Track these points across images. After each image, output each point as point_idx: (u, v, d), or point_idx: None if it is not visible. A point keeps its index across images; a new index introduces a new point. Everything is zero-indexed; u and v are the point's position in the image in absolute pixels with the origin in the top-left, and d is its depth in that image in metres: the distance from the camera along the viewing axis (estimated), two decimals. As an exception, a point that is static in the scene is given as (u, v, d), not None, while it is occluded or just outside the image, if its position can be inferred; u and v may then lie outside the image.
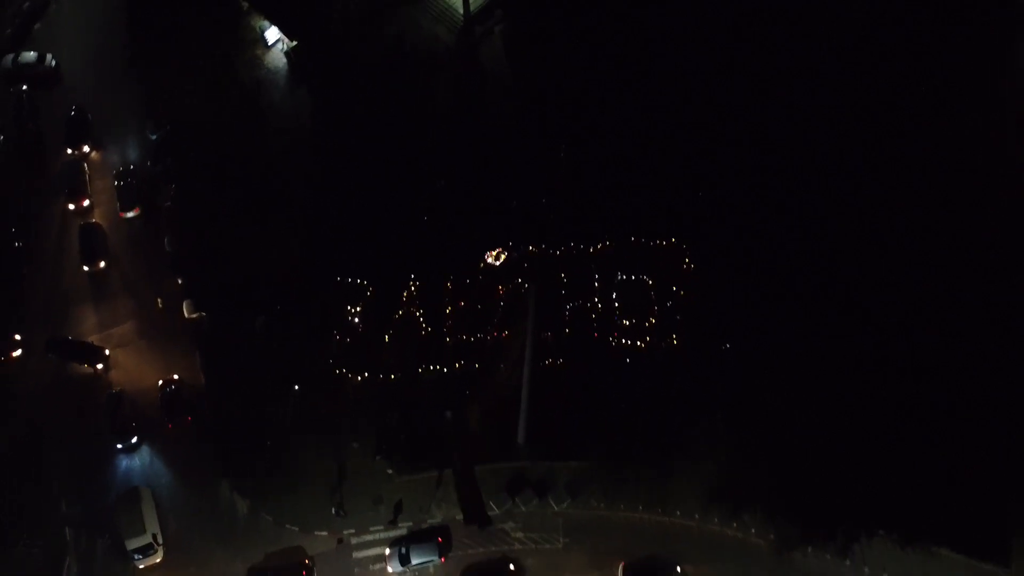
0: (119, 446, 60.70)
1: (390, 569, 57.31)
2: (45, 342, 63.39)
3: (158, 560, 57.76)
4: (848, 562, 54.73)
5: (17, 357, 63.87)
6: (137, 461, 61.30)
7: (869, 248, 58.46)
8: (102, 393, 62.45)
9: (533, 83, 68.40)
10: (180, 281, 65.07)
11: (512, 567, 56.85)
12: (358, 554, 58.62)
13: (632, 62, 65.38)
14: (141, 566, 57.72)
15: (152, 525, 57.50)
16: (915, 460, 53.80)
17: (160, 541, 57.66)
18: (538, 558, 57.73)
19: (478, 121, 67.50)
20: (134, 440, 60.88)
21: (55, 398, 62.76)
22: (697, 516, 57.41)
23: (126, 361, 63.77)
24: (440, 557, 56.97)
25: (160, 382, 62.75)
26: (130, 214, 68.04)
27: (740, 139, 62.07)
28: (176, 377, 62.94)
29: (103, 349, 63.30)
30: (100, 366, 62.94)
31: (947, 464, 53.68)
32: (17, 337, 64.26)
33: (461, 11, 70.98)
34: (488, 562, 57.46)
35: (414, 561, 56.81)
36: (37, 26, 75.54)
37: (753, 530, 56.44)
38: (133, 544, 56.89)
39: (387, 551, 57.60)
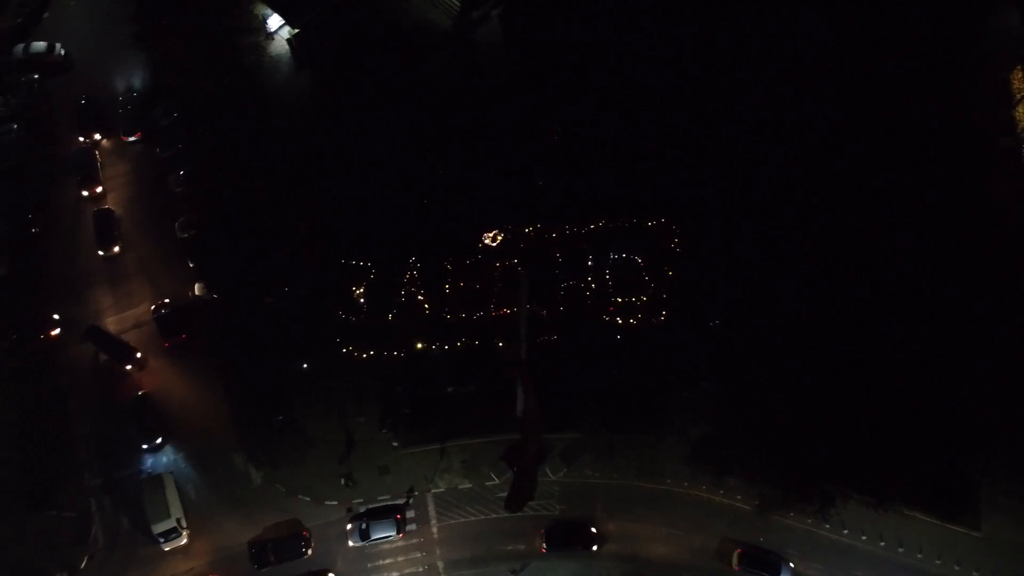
0: (144, 446, 63.78)
1: (350, 543, 60.71)
2: (86, 329, 66.18)
3: (183, 543, 61.06)
4: (828, 525, 58.05)
5: (56, 336, 66.94)
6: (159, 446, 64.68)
7: (848, 227, 60.73)
8: (129, 381, 65.64)
9: (529, 67, 70.23)
10: (192, 264, 67.60)
11: (594, 530, 59.80)
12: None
13: (626, 48, 67.09)
14: (167, 548, 60.85)
15: (176, 510, 60.86)
16: (891, 429, 56.73)
17: (184, 525, 60.98)
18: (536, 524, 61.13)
19: (475, 106, 69.41)
20: (159, 440, 63.91)
21: (86, 376, 66.19)
22: (686, 483, 60.67)
23: (143, 342, 66.55)
24: (398, 533, 60.39)
25: (152, 306, 66.54)
26: (132, 138, 72.68)
27: (728, 123, 64.03)
28: (167, 300, 66.59)
29: (136, 350, 65.71)
30: (129, 367, 65.41)
31: (923, 433, 56.69)
32: (56, 316, 67.33)
33: (457, -2, 72.86)
34: (569, 522, 60.28)
35: (373, 536, 60.26)
36: (46, 15, 77.59)
37: (739, 496, 59.66)
38: (159, 528, 60.15)
39: (348, 526, 60.89)
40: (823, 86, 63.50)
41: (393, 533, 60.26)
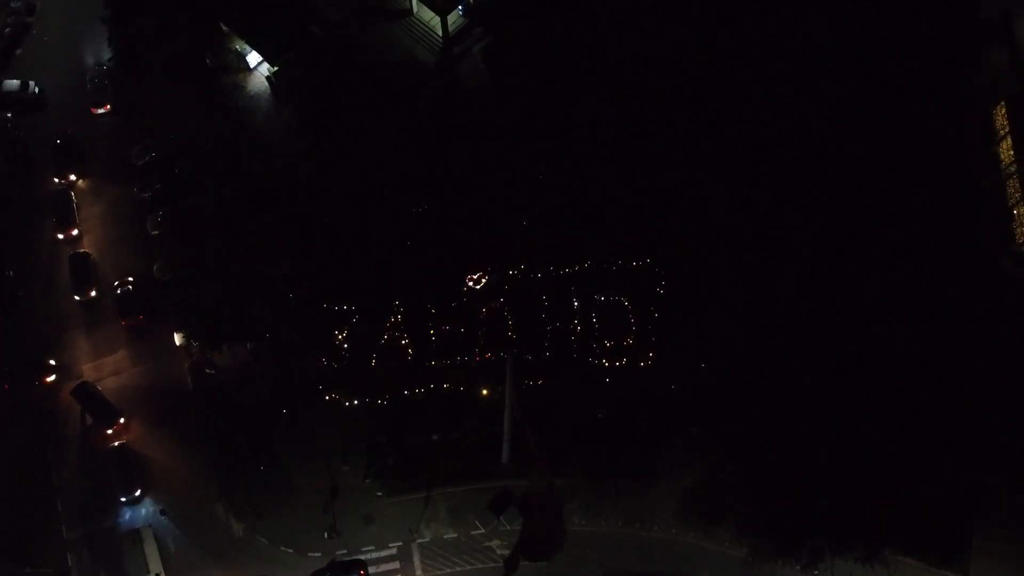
0: (123, 498, 62.64)
1: None
2: (75, 386, 64.96)
3: (163, 598, 60.06)
4: (816, 572, 57.56)
5: (51, 382, 65.74)
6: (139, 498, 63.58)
7: (841, 271, 60.14)
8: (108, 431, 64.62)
9: (512, 103, 69.44)
10: (170, 310, 66.40)
11: None
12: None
13: (610, 85, 66.32)
14: None
15: (155, 565, 59.67)
16: (880, 473, 56.26)
17: None
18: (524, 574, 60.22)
19: (457, 144, 68.52)
20: (138, 492, 62.88)
21: (65, 425, 65.30)
22: (674, 530, 60.08)
23: (123, 394, 65.35)
24: None
25: (116, 282, 67.03)
26: (100, 111, 72.80)
27: (714, 163, 63.26)
28: (131, 279, 67.00)
29: (120, 414, 64.50)
30: (109, 431, 64.17)
31: (910, 477, 56.28)
32: (52, 362, 66.14)
33: (440, 32, 72.00)
34: None
35: None
36: (19, 52, 76.20)
37: (727, 543, 59.11)
38: None
39: None
40: (813, 129, 62.91)
41: None
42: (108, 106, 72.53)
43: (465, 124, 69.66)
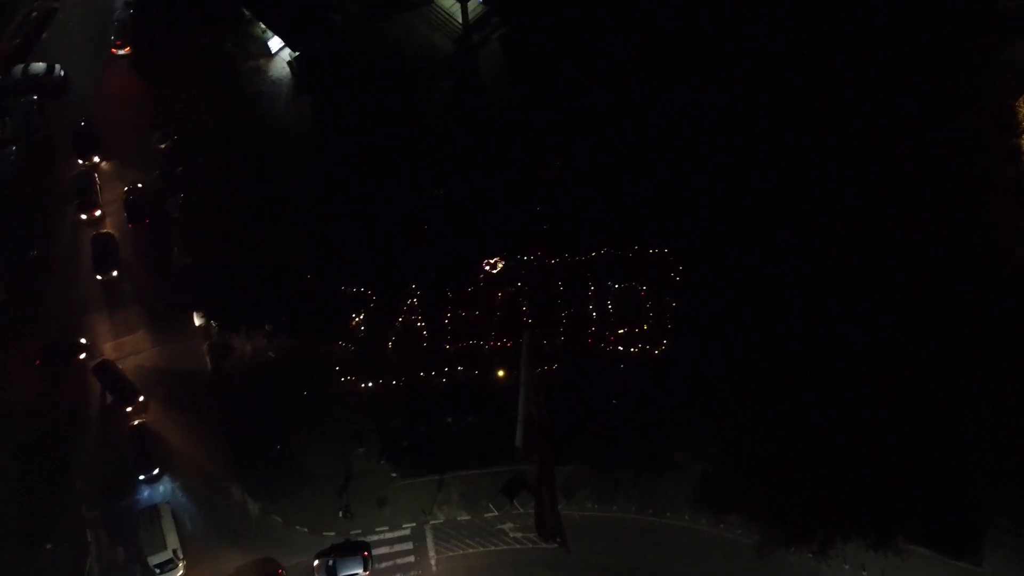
0: (141, 477, 63.41)
1: None
2: (96, 363, 65.71)
3: (179, 575, 60.63)
4: (828, 559, 57.54)
5: (81, 360, 66.45)
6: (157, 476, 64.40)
7: (855, 260, 59.98)
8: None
9: (529, 91, 69.72)
10: (190, 292, 67.04)
11: None
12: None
13: (628, 75, 66.43)
14: None
15: (173, 541, 60.41)
16: (893, 462, 56.14)
17: (181, 556, 60.57)
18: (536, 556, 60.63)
19: (475, 130, 68.92)
20: (156, 471, 63.55)
21: (83, 405, 66.11)
22: (687, 517, 60.24)
23: (143, 375, 66.24)
24: (365, 570, 59.64)
25: (125, 188, 69.43)
26: (121, 52, 75.19)
27: (731, 152, 63.26)
28: (140, 185, 69.54)
29: (139, 394, 65.12)
30: (129, 408, 64.79)
31: (923, 467, 56.17)
32: (83, 341, 66.91)
33: (460, 20, 72.38)
34: None
35: (340, 574, 59.40)
36: (44, 36, 77.23)
37: (739, 530, 59.22)
38: (155, 560, 59.68)
39: (315, 563, 60.13)
40: (825, 118, 62.80)
41: (360, 570, 59.47)
42: (128, 48, 74.18)
43: (483, 111, 70.07)
